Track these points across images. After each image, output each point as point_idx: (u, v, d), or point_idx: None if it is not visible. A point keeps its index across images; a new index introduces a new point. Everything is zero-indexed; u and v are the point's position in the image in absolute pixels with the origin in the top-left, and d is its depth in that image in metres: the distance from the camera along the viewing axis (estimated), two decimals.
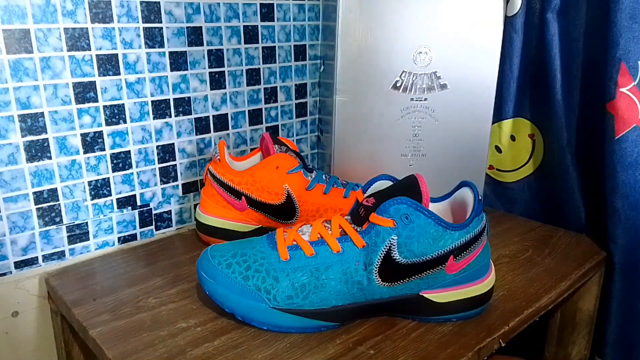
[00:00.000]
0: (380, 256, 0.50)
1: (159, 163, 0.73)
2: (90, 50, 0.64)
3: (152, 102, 0.70)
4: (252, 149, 0.83)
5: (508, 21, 0.79)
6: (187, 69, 0.72)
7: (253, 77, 0.80)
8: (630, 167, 0.68)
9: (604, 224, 0.73)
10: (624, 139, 0.68)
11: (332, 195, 0.68)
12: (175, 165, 0.75)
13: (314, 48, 0.86)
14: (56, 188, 0.65)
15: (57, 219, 0.66)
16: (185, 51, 0.71)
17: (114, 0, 0.64)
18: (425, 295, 0.53)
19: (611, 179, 0.70)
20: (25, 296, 0.65)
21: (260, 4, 0.78)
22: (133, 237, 0.73)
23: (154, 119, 0.71)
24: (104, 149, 0.67)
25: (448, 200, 0.57)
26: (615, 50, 0.67)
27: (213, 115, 0.77)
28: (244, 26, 0.77)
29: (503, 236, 0.76)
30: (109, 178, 0.69)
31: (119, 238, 0.72)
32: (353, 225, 0.53)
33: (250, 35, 0.78)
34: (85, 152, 0.66)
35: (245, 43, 0.78)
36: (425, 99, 0.74)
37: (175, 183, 0.75)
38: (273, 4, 0.79)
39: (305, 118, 0.89)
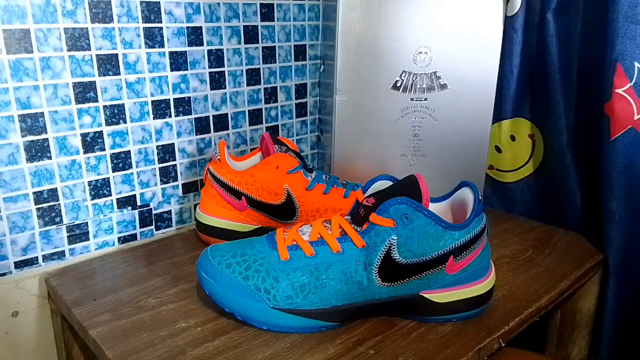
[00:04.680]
0: (380, 256, 0.50)
1: (159, 163, 0.73)
2: (90, 50, 0.64)
3: (152, 102, 0.70)
4: (252, 149, 0.83)
5: (508, 21, 0.79)
6: (187, 69, 0.72)
7: (253, 77, 0.80)
8: (625, 169, 0.68)
9: (601, 224, 0.73)
10: (619, 140, 0.68)
11: (332, 195, 0.68)
12: (175, 165, 0.75)
13: (314, 48, 0.86)
14: (56, 188, 0.65)
15: (57, 219, 0.66)
16: (185, 51, 0.71)
17: (114, 0, 0.64)
18: (425, 295, 0.53)
19: (607, 180, 0.70)
20: (25, 296, 0.65)
21: (260, 4, 0.78)
22: (133, 237, 0.73)
23: (154, 119, 0.71)
24: (104, 149, 0.67)
25: (448, 200, 0.57)
26: (611, 51, 0.67)
27: (213, 115, 0.77)
28: (244, 26, 0.77)
29: (503, 236, 0.76)
30: (109, 178, 0.69)
31: (119, 238, 0.72)
32: (353, 225, 0.53)
33: (250, 35, 0.78)
34: (85, 152, 0.66)
35: (245, 43, 0.78)
36: (425, 99, 0.74)
37: (175, 183, 0.75)
38: (273, 4, 0.79)
39: (305, 118, 0.89)
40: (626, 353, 0.73)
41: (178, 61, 0.71)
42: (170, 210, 0.76)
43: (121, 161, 0.69)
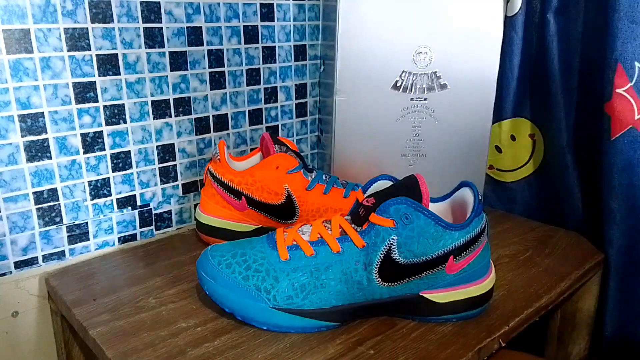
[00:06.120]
0: (380, 256, 0.50)
1: (159, 163, 0.73)
2: (90, 50, 0.64)
3: (152, 102, 0.70)
4: (252, 149, 0.83)
5: (508, 21, 0.79)
6: (187, 69, 0.72)
7: (253, 77, 0.80)
8: (626, 169, 0.68)
9: (602, 224, 0.73)
10: (619, 140, 0.68)
11: (332, 195, 0.68)
12: (175, 165, 0.75)
13: (314, 48, 0.86)
14: (56, 188, 0.65)
15: (57, 219, 0.66)
16: (185, 51, 0.71)
17: (114, 0, 0.64)
18: (425, 295, 0.53)
19: (607, 180, 0.70)
20: (25, 296, 0.65)
21: (260, 4, 0.78)
22: (133, 237, 0.73)
23: (154, 119, 0.71)
24: (104, 149, 0.67)
25: (448, 200, 0.57)
26: (612, 51, 0.67)
27: (213, 115, 0.77)
28: (244, 26, 0.77)
29: (503, 236, 0.76)
30: (109, 178, 0.69)
31: (119, 238, 0.72)
32: (353, 225, 0.53)
33: (250, 35, 0.78)
34: (85, 152, 0.66)
35: (245, 43, 0.78)
36: (425, 99, 0.74)
37: (175, 183, 0.75)
38: (273, 4, 0.79)
39: (305, 118, 0.89)
40: (626, 353, 0.73)
41: (178, 61, 0.71)
42: (170, 210, 0.76)
43: (121, 161, 0.69)
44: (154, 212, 0.74)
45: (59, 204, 0.65)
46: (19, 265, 0.64)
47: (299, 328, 0.52)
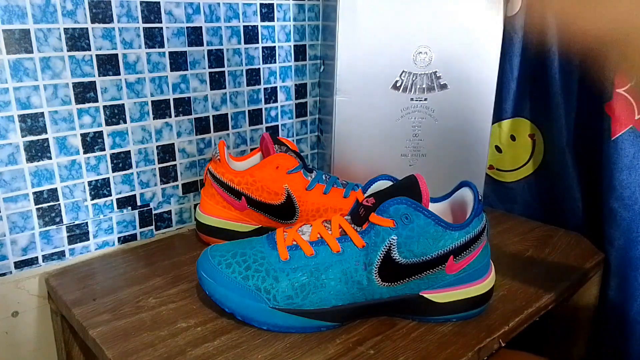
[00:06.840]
0: (380, 256, 0.50)
1: (159, 163, 0.73)
2: (90, 50, 0.64)
3: (152, 102, 0.70)
4: (252, 149, 0.83)
5: (508, 21, 0.79)
6: (187, 69, 0.72)
7: (253, 77, 0.80)
8: (626, 168, 0.68)
9: (602, 224, 0.73)
10: (620, 140, 0.68)
11: (332, 195, 0.68)
12: (175, 165, 0.75)
13: (314, 48, 0.86)
14: (56, 188, 0.65)
15: (57, 219, 0.66)
16: (185, 51, 0.71)
17: (114, 0, 0.64)
18: (425, 295, 0.53)
19: (607, 179, 0.70)
20: (25, 296, 0.65)
21: (260, 4, 0.78)
22: (133, 237, 0.73)
23: (154, 119, 0.71)
24: (104, 149, 0.67)
25: (448, 200, 0.57)
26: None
27: (213, 115, 0.77)
28: (244, 26, 0.77)
29: (503, 236, 0.76)
30: (109, 178, 0.69)
31: (119, 238, 0.72)
32: (353, 225, 0.53)
33: (250, 35, 0.78)
34: (85, 152, 0.66)
35: (245, 43, 0.78)
36: (425, 99, 0.74)
37: (175, 183, 0.75)
38: (273, 4, 0.79)
39: (305, 118, 0.89)
40: (626, 353, 0.73)
41: (178, 61, 0.71)
42: (170, 210, 0.76)
43: (121, 161, 0.69)
44: (154, 212, 0.74)
45: (59, 204, 0.65)
46: (19, 265, 0.64)
47: (299, 328, 0.52)
